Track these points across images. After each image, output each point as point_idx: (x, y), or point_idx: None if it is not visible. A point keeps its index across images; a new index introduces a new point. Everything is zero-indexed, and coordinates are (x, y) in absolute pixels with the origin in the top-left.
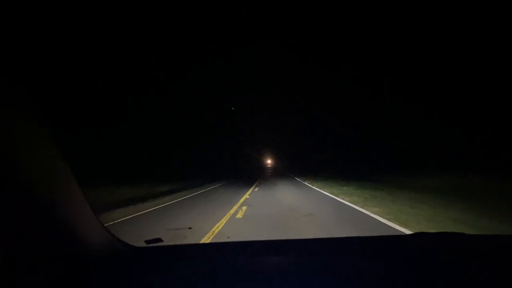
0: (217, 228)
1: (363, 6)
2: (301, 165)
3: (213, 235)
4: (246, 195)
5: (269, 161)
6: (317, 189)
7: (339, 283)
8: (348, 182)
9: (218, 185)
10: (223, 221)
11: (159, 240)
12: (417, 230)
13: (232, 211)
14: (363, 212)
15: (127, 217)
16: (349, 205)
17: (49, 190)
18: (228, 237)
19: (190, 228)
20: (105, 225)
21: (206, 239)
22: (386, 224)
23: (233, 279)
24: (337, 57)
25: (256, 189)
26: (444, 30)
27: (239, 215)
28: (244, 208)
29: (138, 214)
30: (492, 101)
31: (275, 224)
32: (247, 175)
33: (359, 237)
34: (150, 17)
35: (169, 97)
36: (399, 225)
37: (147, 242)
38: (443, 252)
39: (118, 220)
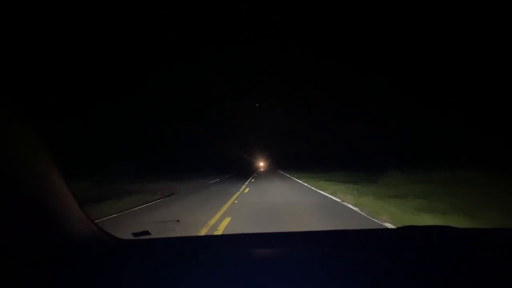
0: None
1: (364, 5)
2: (294, 163)
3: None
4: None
5: (261, 164)
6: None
7: (331, 278)
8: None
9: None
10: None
11: (147, 232)
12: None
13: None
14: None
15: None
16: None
17: (34, 185)
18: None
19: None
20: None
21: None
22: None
23: (221, 271)
24: (335, 58)
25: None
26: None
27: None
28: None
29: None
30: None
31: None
32: (245, 171)
33: (346, 230)
34: (153, 20)
35: (172, 100)
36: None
37: (135, 234)
38: (432, 246)
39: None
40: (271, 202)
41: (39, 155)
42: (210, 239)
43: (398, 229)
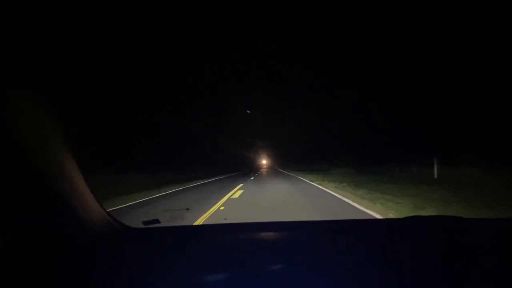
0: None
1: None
2: (294, 161)
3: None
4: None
5: (264, 162)
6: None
7: (334, 269)
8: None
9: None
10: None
11: (157, 221)
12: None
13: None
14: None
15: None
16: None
17: (48, 175)
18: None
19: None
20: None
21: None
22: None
23: (230, 260)
24: (336, 58)
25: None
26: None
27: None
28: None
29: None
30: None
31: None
32: (249, 170)
33: (349, 220)
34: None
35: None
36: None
37: (145, 223)
38: (440, 237)
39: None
40: None
41: (55, 145)
42: (220, 227)
43: (402, 219)
